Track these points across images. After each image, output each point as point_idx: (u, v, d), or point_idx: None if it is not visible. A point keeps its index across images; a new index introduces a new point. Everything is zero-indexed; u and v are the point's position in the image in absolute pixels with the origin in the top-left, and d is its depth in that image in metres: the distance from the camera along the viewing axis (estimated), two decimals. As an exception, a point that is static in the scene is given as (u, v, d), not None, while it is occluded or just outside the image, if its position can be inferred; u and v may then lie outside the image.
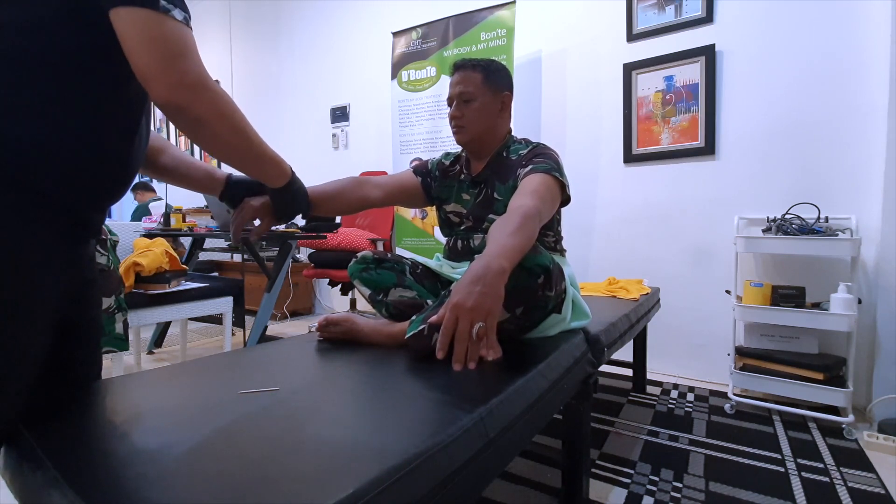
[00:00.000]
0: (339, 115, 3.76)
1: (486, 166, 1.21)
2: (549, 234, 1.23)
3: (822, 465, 1.40)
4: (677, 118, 2.27)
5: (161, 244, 1.86)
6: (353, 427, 0.59)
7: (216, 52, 4.59)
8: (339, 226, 2.48)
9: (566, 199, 1.12)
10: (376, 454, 0.51)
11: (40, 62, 0.59)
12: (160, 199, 4.17)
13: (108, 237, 1.43)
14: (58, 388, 0.74)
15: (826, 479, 1.32)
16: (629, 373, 2.12)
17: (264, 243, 3.29)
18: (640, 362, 2.06)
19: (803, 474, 1.35)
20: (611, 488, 1.28)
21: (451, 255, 1.25)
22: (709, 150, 2.20)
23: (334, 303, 3.90)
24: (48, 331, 0.67)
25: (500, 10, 2.59)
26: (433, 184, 1.31)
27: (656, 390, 2.07)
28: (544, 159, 1.09)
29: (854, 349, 1.71)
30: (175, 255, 1.90)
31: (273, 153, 0.83)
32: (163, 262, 1.81)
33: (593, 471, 1.37)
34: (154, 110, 5.13)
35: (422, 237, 2.98)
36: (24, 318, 0.61)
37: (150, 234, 2.34)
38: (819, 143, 1.97)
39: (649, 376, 2.20)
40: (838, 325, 1.68)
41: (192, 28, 0.64)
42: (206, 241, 2.95)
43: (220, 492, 0.44)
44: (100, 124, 0.66)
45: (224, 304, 2.06)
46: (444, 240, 1.31)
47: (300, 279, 3.63)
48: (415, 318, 0.95)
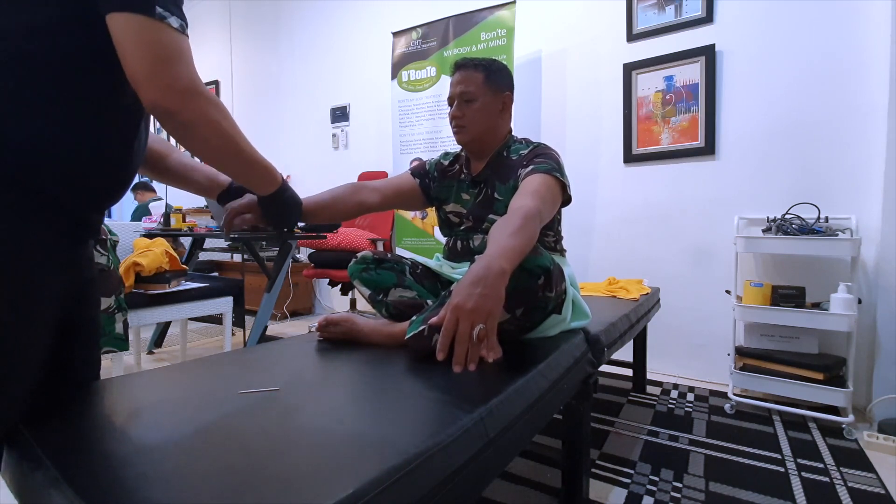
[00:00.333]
0: (339, 115, 3.76)
1: (487, 166, 1.21)
2: (549, 234, 1.23)
3: (822, 465, 1.40)
4: (677, 118, 2.27)
5: (161, 244, 1.86)
6: (352, 427, 0.59)
7: (216, 52, 4.59)
8: (339, 226, 2.47)
9: (567, 200, 1.12)
10: (376, 454, 0.51)
11: (43, 65, 0.60)
12: (160, 199, 4.18)
13: (108, 237, 1.43)
14: (57, 388, 0.74)
15: (826, 479, 1.32)
16: (629, 373, 2.12)
17: (264, 243, 3.29)
18: (640, 362, 2.06)
19: (803, 474, 1.35)
20: (611, 488, 1.28)
21: (451, 255, 1.25)
22: (709, 150, 2.20)
23: (334, 303, 3.90)
24: (48, 331, 0.67)
25: (500, 10, 2.59)
26: (432, 185, 1.30)
27: (656, 390, 2.07)
28: (545, 159, 1.09)
29: (854, 349, 1.71)
30: (175, 255, 1.90)
31: (264, 161, 0.82)
32: (163, 262, 1.81)
33: (593, 471, 1.37)
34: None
35: (422, 237, 2.98)
36: (25, 319, 0.62)
37: (150, 234, 2.34)
38: (819, 143, 1.97)
39: (649, 376, 2.20)
40: (838, 325, 1.68)
41: (188, 36, 0.64)
42: (206, 241, 2.95)
43: (220, 491, 0.44)
44: (100, 126, 0.67)
45: (224, 304, 2.07)
46: (444, 240, 1.31)
47: (300, 279, 3.63)
48: (415, 318, 0.95)
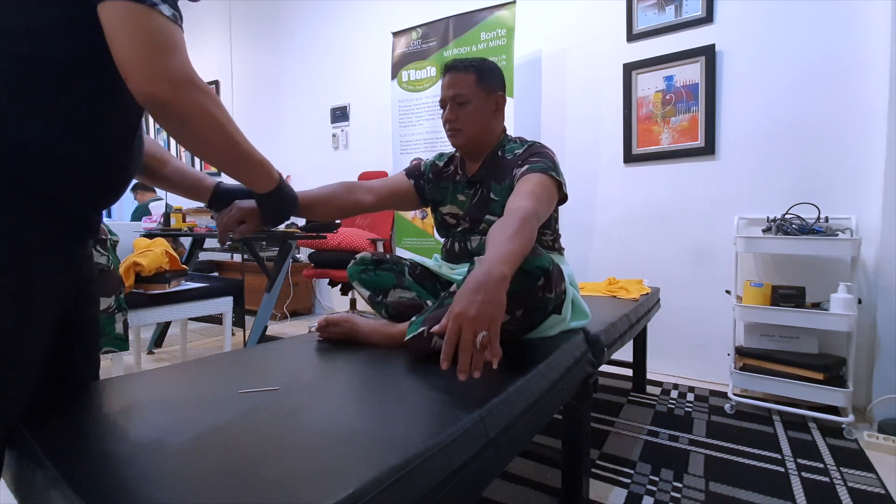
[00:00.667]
0: (339, 115, 3.76)
1: (482, 166, 1.20)
2: (546, 233, 1.22)
3: (822, 465, 1.40)
4: (677, 118, 2.27)
5: (161, 244, 1.86)
6: (352, 427, 0.59)
7: (216, 52, 4.59)
8: (339, 226, 2.48)
9: (563, 198, 1.12)
10: (376, 454, 0.51)
11: (42, 66, 0.60)
12: (160, 199, 4.17)
13: (108, 237, 1.43)
14: (57, 388, 0.74)
15: (826, 479, 1.32)
16: (629, 373, 2.12)
17: (264, 243, 3.29)
18: (640, 362, 2.06)
19: (803, 474, 1.35)
20: (611, 488, 1.28)
21: (449, 257, 1.24)
22: (709, 150, 2.20)
23: (334, 303, 3.90)
24: (48, 331, 0.67)
25: (500, 10, 2.59)
26: (427, 186, 1.29)
27: (656, 390, 2.07)
28: (540, 158, 1.09)
29: (854, 349, 1.71)
30: (175, 255, 1.89)
31: (261, 157, 0.80)
32: (163, 262, 1.81)
33: (593, 471, 1.37)
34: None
35: (422, 237, 2.98)
36: (24, 319, 0.62)
37: (150, 234, 2.34)
38: (819, 143, 1.97)
39: (649, 376, 2.20)
40: (838, 325, 1.68)
41: (182, 28, 0.63)
42: (206, 241, 2.95)
43: (220, 492, 0.44)
44: (100, 127, 0.66)
45: (224, 304, 2.07)
46: (442, 240, 1.30)
47: (300, 279, 3.63)
48: (414, 319, 0.95)
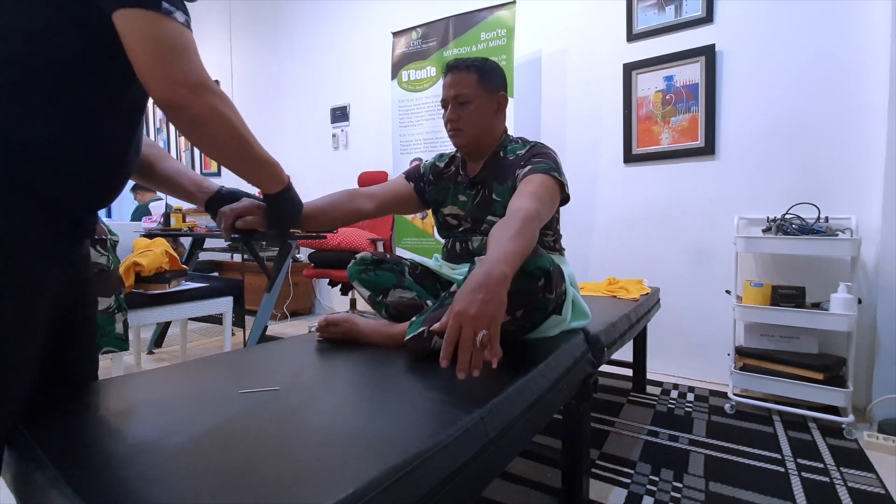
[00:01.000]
0: (339, 115, 3.76)
1: (484, 167, 1.19)
2: (547, 234, 1.22)
3: (822, 465, 1.40)
4: (677, 118, 2.27)
5: (161, 244, 1.86)
6: (352, 427, 0.59)
7: (216, 52, 4.59)
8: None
9: (565, 199, 1.11)
10: (376, 454, 0.51)
11: (42, 66, 0.60)
12: (160, 199, 4.17)
13: (108, 237, 1.43)
14: (55, 388, 0.74)
15: (826, 479, 1.32)
16: (629, 373, 2.12)
17: (264, 243, 3.29)
18: (640, 362, 2.06)
19: (803, 474, 1.35)
20: (611, 488, 1.28)
21: (450, 257, 1.24)
22: (709, 150, 2.20)
23: (334, 303, 3.90)
24: (46, 331, 0.67)
25: (500, 10, 2.59)
26: (427, 188, 1.28)
27: (656, 390, 2.07)
28: (542, 159, 1.08)
29: (854, 349, 1.71)
30: (175, 255, 1.89)
31: (271, 158, 0.82)
32: (163, 262, 1.81)
33: (593, 471, 1.37)
34: (154, 112, 5.13)
35: (422, 237, 2.98)
36: (23, 318, 0.62)
37: (150, 234, 2.34)
38: (819, 143, 1.97)
39: (649, 376, 2.20)
40: (838, 325, 1.68)
41: (192, 31, 0.64)
42: (206, 241, 2.95)
43: (220, 492, 0.44)
44: (99, 127, 0.67)
45: (224, 304, 2.07)
46: (443, 240, 1.30)
47: (300, 279, 3.63)
48: (415, 319, 0.95)
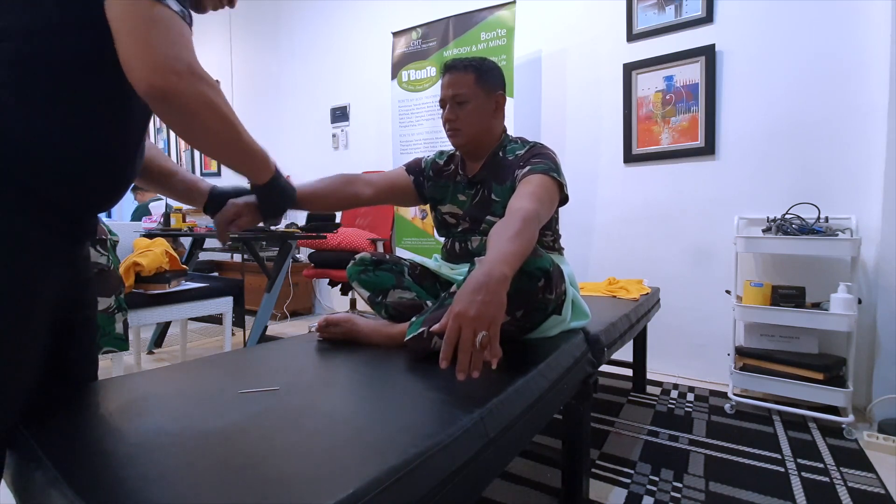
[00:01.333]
0: (339, 115, 3.76)
1: (483, 167, 1.19)
2: (547, 234, 1.22)
3: (822, 465, 1.40)
4: (677, 118, 2.27)
5: (161, 244, 1.86)
6: (352, 427, 0.59)
7: (216, 52, 4.59)
8: (339, 226, 2.48)
9: (564, 199, 1.11)
10: (376, 454, 0.51)
11: (44, 67, 0.60)
12: (160, 199, 4.17)
13: (108, 237, 1.43)
14: (55, 388, 0.74)
15: (826, 479, 1.32)
16: (629, 373, 2.12)
17: (264, 243, 3.29)
18: (640, 362, 2.06)
19: (803, 474, 1.35)
20: (611, 488, 1.28)
21: (449, 257, 1.24)
22: (709, 150, 2.20)
23: (334, 303, 3.90)
24: (45, 331, 0.67)
25: (500, 10, 2.59)
26: (426, 183, 1.28)
27: (656, 390, 2.07)
28: (542, 159, 1.08)
29: (854, 349, 1.71)
30: (175, 255, 1.89)
31: (260, 147, 0.80)
32: (163, 262, 1.81)
33: (593, 471, 1.37)
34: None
35: (422, 237, 2.98)
36: (24, 319, 0.62)
37: (150, 234, 2.34)
38: (819, 143, 1.97)
39: (649, 376, 2.20)
40: (838, 325, 1.68)
41: (190, 26, 0.62)
42: (206, 241, 2.95)
43: (220, 491, 0.44)
44: (104, 128, 0.67)
45: (224, 304, 2.06)
46: (442, 240, 1.30)
47: (300, 279, 3.63)
48: (414, 319, 0.95)
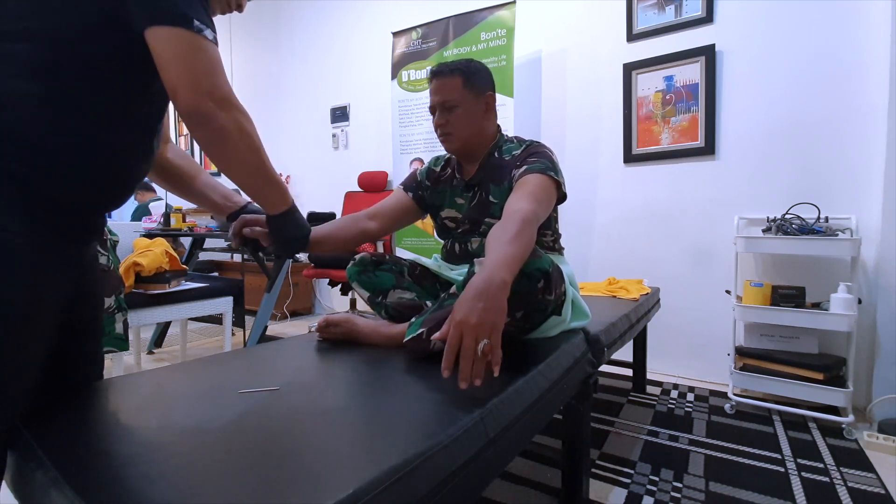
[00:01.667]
0: (339, 115, 3.76)
1: (479, 169, 1.18)
2: (546, 234, 1.22)
3: (822, 465, 1.40)
4: (677, 118, 2.27)
5: (161, 244, 1.86)
6: (352, 427, 0.59)
7: (216, 52, 4.59)
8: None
9: (562, 197, 1.11)
10: (376, 454, 0.51)
11: (66, 73, 0.62)
12: (160, 199, 4.17)
13: (108, 237, 1.42)
14: (60, 388, 0.74)
15: (826, 479, 1.32)
16: (629, 373, 2.12)
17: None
18: (640, 362, 2.06)
19: (803, 474, 1.35)
20: (611, 488, 1.28)
21: (449, 258, 1.24)
22: (709, 150, 2.20)
23: (334, 303, 3.90)
24: (51, 332, 0.67)
25: (500, 10, 2.59)
26: (425, 193, 1.28)
27: (656, 390, 2.07)
28: (538, 158, 1.08)
29: (854, 349, 1.71)
30: (175, 255, 1.89)
31: (280, 179, 0.84)
32: (163, 262, 1.81)
33: (593, 471, 1.37)
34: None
35: (422, 237, 2.98)
36: (29, 320, 0.62)
37: (150, 234, 2.34)
38: (819, 143, 1.97)
39: (649, 376, 2.20)
40: (838, 325, 1.68)
41: (218, 46, 0.67)
42: (206, 241, 2.95)
43: (220, 491, 0.44)
44: (115, 135, 0.68)
45: (224, 304, 2.06)
46: (442, 241, 1.30)
47: (300, 279, 3.63)
48: (414, 319, 0.95)
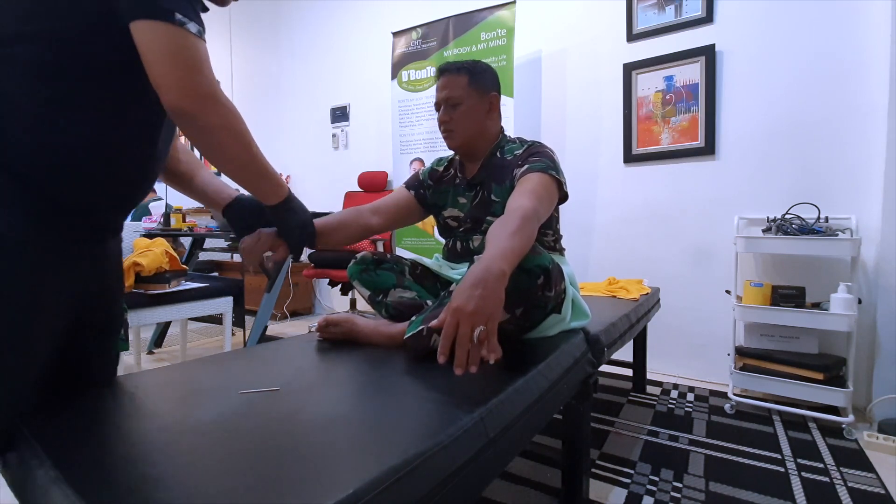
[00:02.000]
0: (339, 115, 3.76)
1: (481, 168, 1.20)
2: (548, 234, 1.22)
3: (822, 465, 1.40)
4: (677, 118, 2.27)
5: (161, 244, 1.86)
6: (353, 427, 0.59)
7: (216, 52, 4.57)
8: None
9: (564, 197, 1.12)
10: (376, 454, 0.51)
11: (66, 74, 0.62)
12: (160, 199, 4.16)
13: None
14: (72, 385, 0.75)
15: (826, 479, 1.32)
16: (629, 373, 2.12)
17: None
18: (640, 362, 2.06)
19: (803, 474, 1.35)
20: (611, 488, 1.28)
21: (451, 256, 1.24)
22: (709, 150, 2.20)
23: (334, 303, 3.90)
24: (57, 331, 0.68)
25: (500, 10, 2.59)
26: (427, 193, 1.29)
27: (656, 390, 2.07)
28: (540, 157, 1.09)
29: (854, 349, 1.71)
30: (175, 255, 1.89)
31: (273, 171, 0.84)
32: (163, 262, 1.81)
33: (593, 471, 1.37)
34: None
35: (422, 237, 2.98)
36: (27, 320, 0.62)
37: (150, 234, 2.34)
38: (819, 143, 1.97)
39: (649, 376, 2.20)
40: (838, 325, 1.68)
41: (205, 41, 0.66)
42: (206, 241, 2.95)
43: (220, 492, 0.44)
44: (119, 135, 0.68)
45: (224, 304, 2.06)
46: (444, 240, 1.30)
47: (300, 279, 3.63)
48: (414, 318, 0.95)
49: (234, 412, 0.63)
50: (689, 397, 1.99)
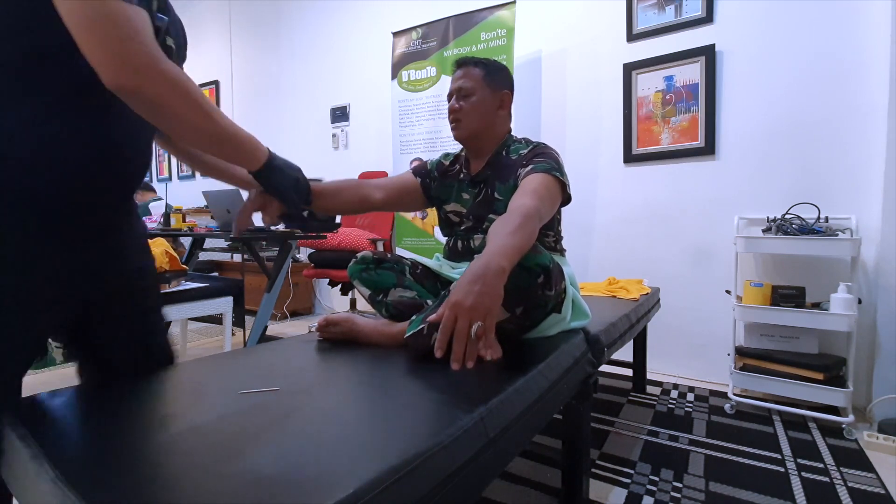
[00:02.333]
0: (339, 115, 3.76)
1: (486, 165, 1.21)
2: (549, 234, 1.23)
3: (822, 465, 1.40)
4: (677, 118, 2.27)
5: (161, 244, 1.86)
6: (353, 427, 0.59)
7: (216, 52, 4.59)
8: (339, 226, 2.48)
9: (566, 199, 1.12)
10: (376, 454, 0.51)
11: (6, 64, 0.60)
12: (160, 199, 4.17)
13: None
14: (140, 370, 0.79)
15: (826, 479, 1.32)
16: (629, 373, 2.12)
17: (264, 243, 3.29)
18: (640, 362, 2.06)
19: (803, 474, 1.35)
20: (611, 488, 1.28)
21: (451, 255, 1.25)
22: (709, 150, 2.20)
23: (334, 303, 3.90)
24: (47, 325, 0.69)
25: (500, 10, 2.59)
26: (432, 184, 1.30)
27: (656, 390, 2.07)
28: (544, 159, 1.09)
29: (854, 349, 1.71)
30: (175, 255, 1.89)
31: (246, 135, 0.76)
32: (163, 262, 1.81)
33: (593, 471, 1.37)
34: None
35: (422, 237, 2.98)
36: (15, 311, 0.64)
37: (150, 234, 2.34)
38: (819, 143, 1.97)
39: (649, 376, 2.20)
40: (838, 325, 1.68)
41: (145, 9, 0.60)
42: (206, 241, 2.95)
43: (220, 492, 0.44)
44: (93, 122, 0.66)
45: (224, 304, 2.06)
46: (444, 240, 1.31)
47: (300, 279, 3.63)
48: (415, 317, 0.95)
49: (235, 412, 0.63)
50: (689, 397, 1.99)
